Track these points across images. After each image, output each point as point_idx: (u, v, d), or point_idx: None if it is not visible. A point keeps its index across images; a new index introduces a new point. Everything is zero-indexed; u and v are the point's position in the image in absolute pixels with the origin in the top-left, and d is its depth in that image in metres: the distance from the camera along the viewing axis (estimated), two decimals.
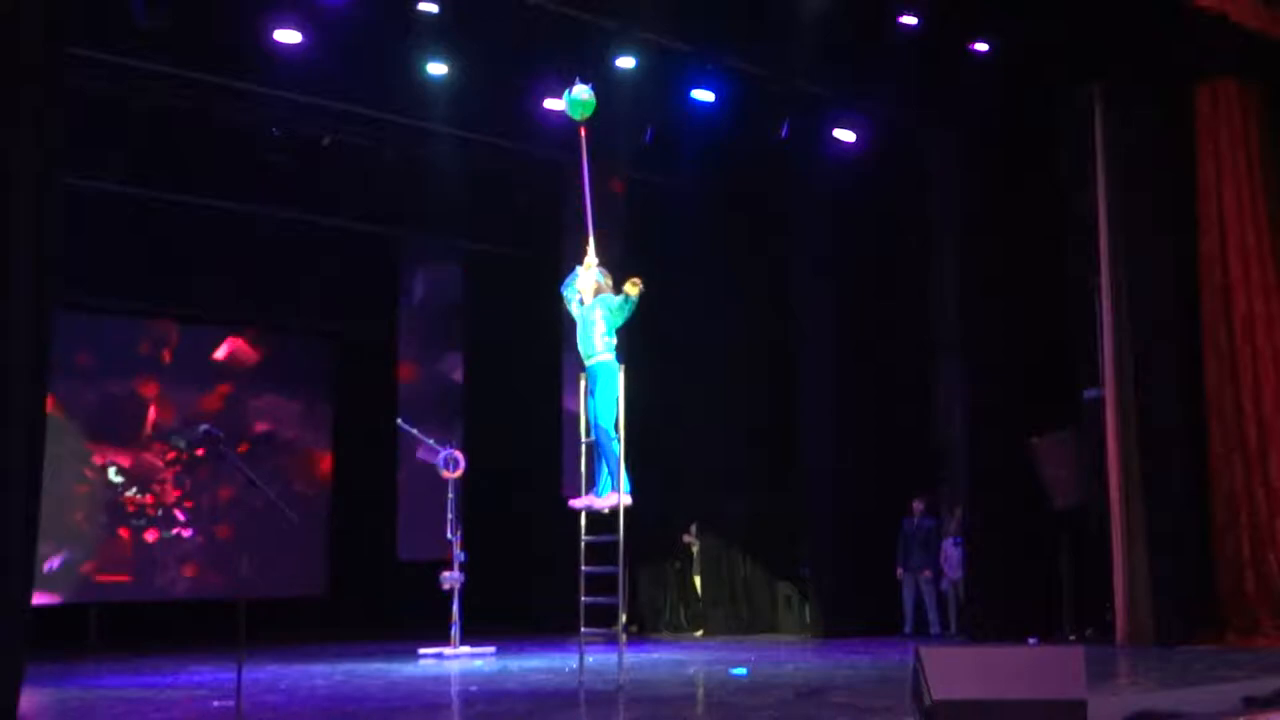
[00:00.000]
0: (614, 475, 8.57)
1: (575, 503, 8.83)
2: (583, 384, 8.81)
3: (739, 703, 7.89)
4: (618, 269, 9.03)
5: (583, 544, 8.80)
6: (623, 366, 8.68)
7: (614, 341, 8.69)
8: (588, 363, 8.71)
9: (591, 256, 8.91)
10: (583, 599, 8.86)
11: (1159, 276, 11.39)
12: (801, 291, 14.30)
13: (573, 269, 9.09)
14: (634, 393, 8.71)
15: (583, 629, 8.90)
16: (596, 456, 8.80)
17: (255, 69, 11.45)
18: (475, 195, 14.78)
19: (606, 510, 8.71)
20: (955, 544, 13.34)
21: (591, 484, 8.82)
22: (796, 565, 14.35)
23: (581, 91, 8.95)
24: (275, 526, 15.46)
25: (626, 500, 8.59)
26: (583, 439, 8.89)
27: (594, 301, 8.75)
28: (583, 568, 8.83)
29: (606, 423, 8.57)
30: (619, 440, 8.60)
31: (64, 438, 14.08)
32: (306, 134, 13.15)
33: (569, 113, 9.09)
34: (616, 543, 8.62)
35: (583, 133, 9.09)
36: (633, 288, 8.52)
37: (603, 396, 8.58)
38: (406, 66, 11.67)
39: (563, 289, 9.06)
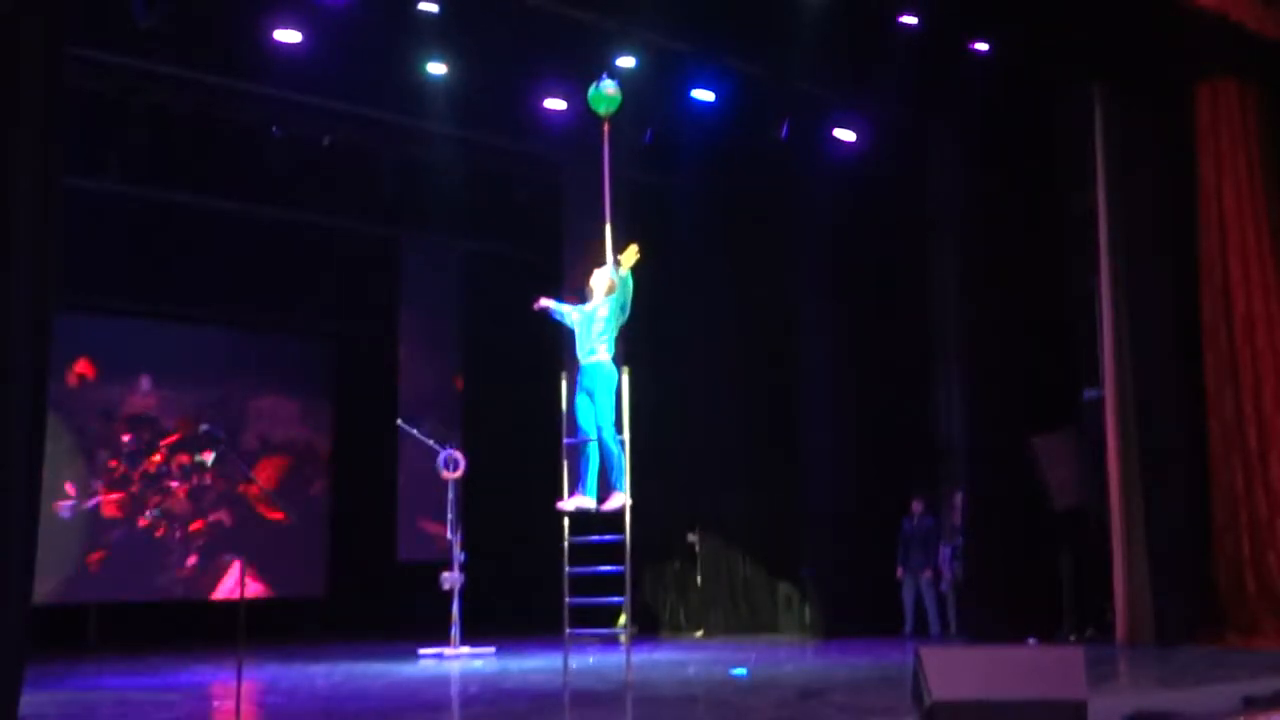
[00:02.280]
0: (616, 477, 8.53)
1: (563, 505, 8.72)
2: (564, 383, 8.74)
3: (739, 703, 7.90)
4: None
5: (566, 545, 8.73)
6: (625, 369, 8.66)
7: (613, 342, 8.64)
8: (584, 362, 8.62)
9: (608, 254, 8.87)
10: (567, 600, 8.72)
11: (1159, 277, 11.39)
12: (801, 291, 14.30)
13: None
14: (634, 393, 8.68)
15: (568, 630, 8.70)
16: (583, 457, 8.69)
17: (255, 69, 11.47)
18: (475, 195, 14.78)
19: (595, 511, 8.65)
20: (945, 544, 13.35)
21: (575, 485, 8.72)
22: (796, 565, 14.35)
23: (608, 87, 8.90)
24: (275, 526, 15.55)
25: (629, 501, 8.55)
26: (565, 439, 8.79)
27: (599, 306, 8.67)
28: (567, 569, 8.72)
29: (606, 424, 8.52)
30: (623, 441, 8.56)
31: (63, 438, 14.09)
32: (306, 134, 13.15)
33: (593, 107, 9.02)
34: (616, 543, 8.60)
35: (605, 129, 9.02)
36: (628, 256, 8.40)
37: (602, 398, 8.53)
38: (406, 66, 11.67)
39: (555, 313, 8.93)
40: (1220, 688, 7.82)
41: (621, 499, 8.48)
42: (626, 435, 8.54)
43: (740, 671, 9.78)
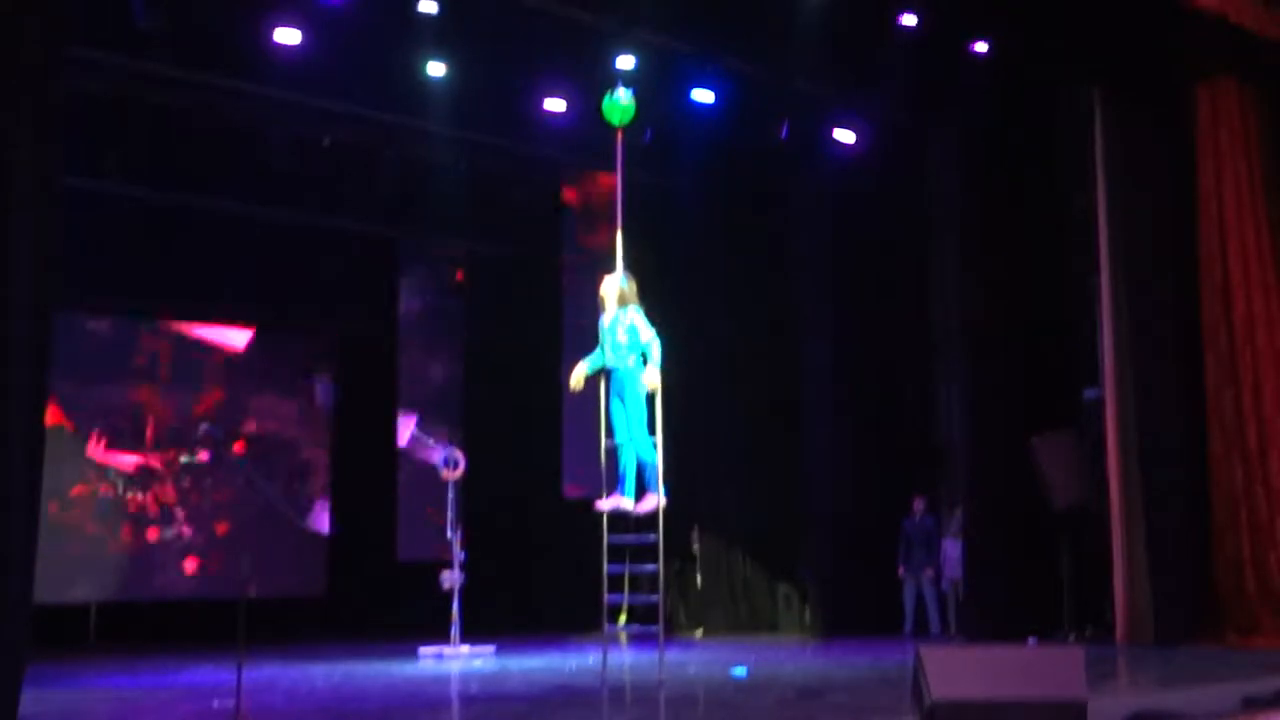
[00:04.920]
0: (650, 479, 8.63)
1: (601, 504, 8.83)
2: (602, 387, 8.82)
3: (739, 703, 7.89)
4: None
5: (605, 545, 8.86)
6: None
7: (638, 349, 8.71)
8: (615, 367, 8.69)
9: (618, 260, 8.91)
10: (606, 598, 8.95)
11: (1159, 276, 11.39)
12: (801, 291, 14.31)
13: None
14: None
15: (607, 627, 9.01)
16: (620, 460, 8.80)
17: (255, 69, 11.46)
18: (475, 195, 14.78)
19: (637, 513, 8.74)
20: (954, 543, 13.34)
21: (614, 487, 8.81)
22: (796, 565, 14.35)
23: (623, 96, 8.95)
24: (275, 526, 15.55)
25: (663, 502, 8.65)
26: (603, 442, 8.89)
27: (618, 314, 8.71)
28: (606, 567, 8.89)
29: (639, 428, 8.60)
30: (655, 444, 8.65)
31: (63, 437, 14.08)
32: (306, 134, 13.14)
33: (606, 117, 8.99)
34: (644, 544, 8.75)
35: (619, 137, 9.05)
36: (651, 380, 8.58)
37: (631, 402, 8.60)
38: (406, 66, 11.67)
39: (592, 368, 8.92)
40: (1220, 688, 7.82)
41: (655, 500, 8.59)
42: (659, 437, 8.62)
43: (740, 671, 9.78)
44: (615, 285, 8.78)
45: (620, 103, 8.95)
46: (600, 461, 8.90)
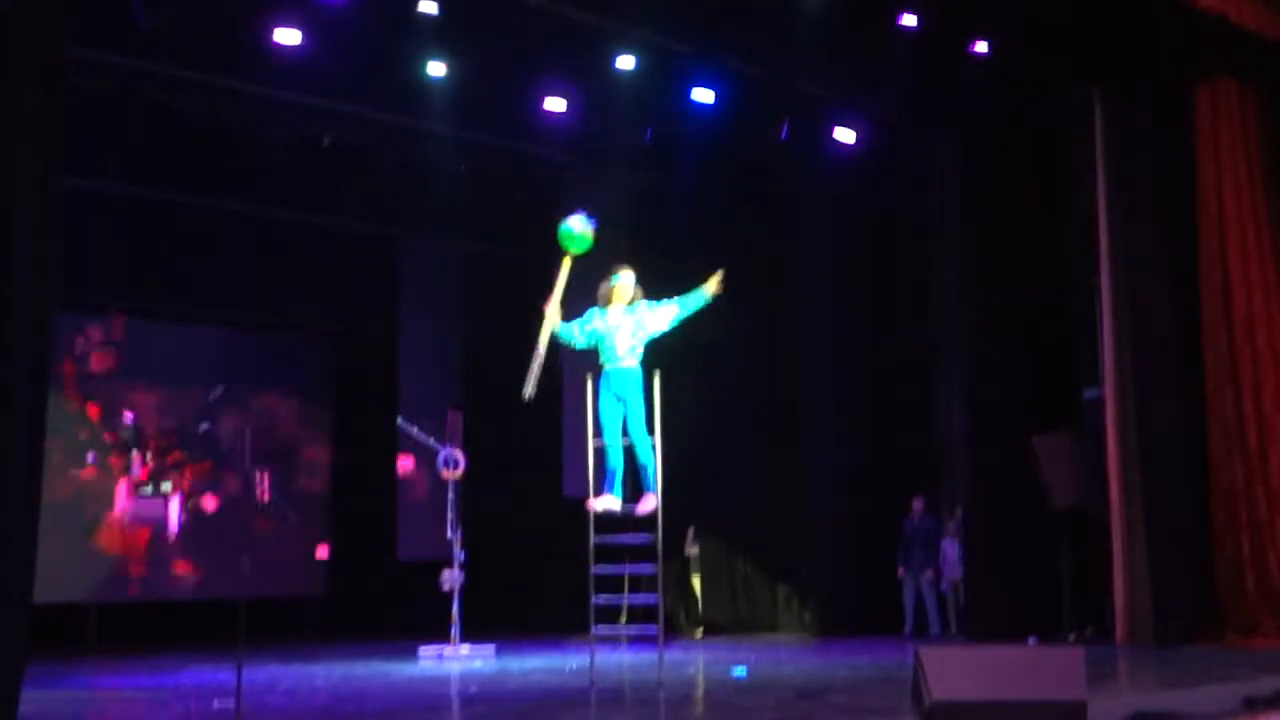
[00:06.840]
0: (648, 479, 8.61)
1: (593, 504, 8.80)
2: (589, 386, 8.81)
3: (739, 703, 7.89)
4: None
5: (591, 546, 8.86)
6: (657, 371, 8.72)
7: (641, 349, 8.69)
8: (612, 368, 8.65)
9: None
10: (593, 600, 8.94)
11: (1159, 276, 11.39)
12: (801, 291, 14.31)
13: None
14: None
15: (593, 629, 8.96)
16: (607, 460, 8.77)
17: (255, 69, 11.46)
18: (475, 195, 14.77)
19: (625, 514, 8.73)
20: (954, 544, 13.34)
21: (601, 487, 8.78)
22: (796, 565, 14.35)
23: (576, 223, 8.27)
24: (275, 526, 15.55)
25: (659, 502, 8.64)
26: (590, 442, 8.87)
27: (627, 309, 8.70)
28: (592, 568, 8.89)
29: (638, 427, 8.57)
30: (655, 445, 8.63)
31: (63, 437, 14.08)
32: (306, 134, 13.14)
33: (561, 243, 8.40)
34: (641, 544, 8.75)
35: (567, 261, 8.42)
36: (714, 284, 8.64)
37: (633, 402, 8.59)
38: (406, 66, 11.67)
39: (563, 333, 8.85)
40: (1220, 688, 7.82)
41: (654, 501, 8.57)
42: (658, 438, 8.61)
43: (740, 671, 9.78)
44: (627, 292, 8.77)
45: (574, 231, 8.24)
46: (588, 461, 8.88)
